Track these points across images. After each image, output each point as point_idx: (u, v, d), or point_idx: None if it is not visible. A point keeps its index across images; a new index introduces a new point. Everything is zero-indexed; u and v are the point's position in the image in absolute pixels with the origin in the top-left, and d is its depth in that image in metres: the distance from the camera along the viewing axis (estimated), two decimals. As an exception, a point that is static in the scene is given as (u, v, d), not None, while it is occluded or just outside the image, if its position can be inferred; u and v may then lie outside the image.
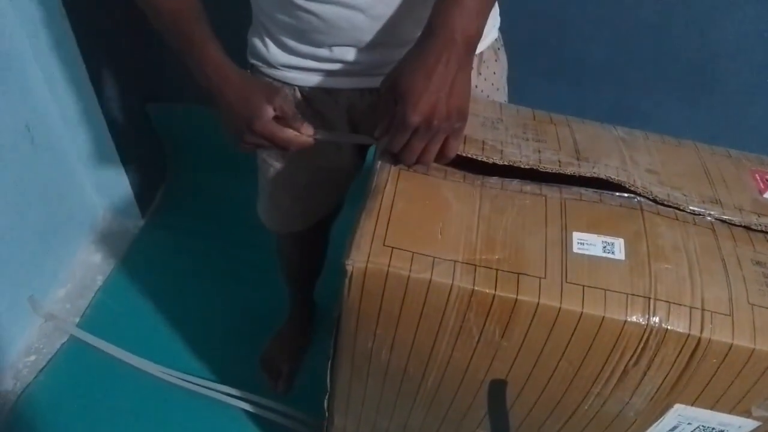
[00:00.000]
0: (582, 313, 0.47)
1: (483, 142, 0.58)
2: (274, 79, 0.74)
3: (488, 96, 0.75)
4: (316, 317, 1.23)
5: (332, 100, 0.73)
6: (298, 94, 0.74)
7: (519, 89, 0.82)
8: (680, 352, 0.48)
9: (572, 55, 1.14)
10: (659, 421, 0.53)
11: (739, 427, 0.53)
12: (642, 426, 0.54)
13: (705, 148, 0.65)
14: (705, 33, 1.05)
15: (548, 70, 1.16)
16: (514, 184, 0.56)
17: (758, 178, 0.61)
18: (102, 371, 1.17)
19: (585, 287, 0.48)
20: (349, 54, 0.68)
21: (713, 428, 0.53)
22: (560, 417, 0.56)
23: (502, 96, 0.78)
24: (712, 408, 0.51)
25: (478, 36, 0.54)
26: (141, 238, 1.43)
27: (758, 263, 0.51)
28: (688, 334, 0.47)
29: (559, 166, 0.56)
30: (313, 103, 0.74)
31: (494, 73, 0.75)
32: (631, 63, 1.12)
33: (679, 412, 0.52)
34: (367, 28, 0.65)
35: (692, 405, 0.51)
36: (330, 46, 0.67)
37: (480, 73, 0.73)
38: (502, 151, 0.57)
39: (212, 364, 1.19)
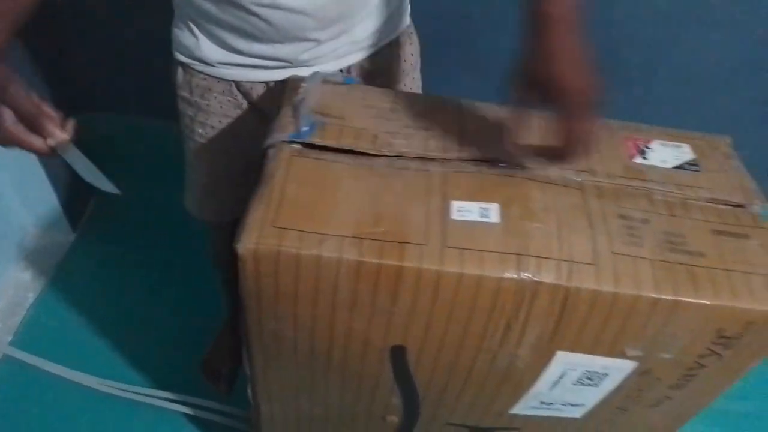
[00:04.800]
0: (462, 274, 0.51)
1: (375, 135, 0.61)
2: (209, 76, 0.73)
3: (407, 73, 0.82)
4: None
5: (270, 95, 0.73)
6: (235, 90, 0.74)
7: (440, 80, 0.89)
8: (552, 302, 0.52)
9: (483, 48, 1.19)
10: (547, 369, 0.57)
11: (620, 368, 0.58)
12: (533, 376, 0.58)
13: None
14: (605, 20, 1.12)
15: (461, 62, 1.22)
16: (400, 161, 0.59)
17: (630, 144, 0.66)
18: (38, 388, 1.15)
19: (463, 250, 0.52)
20: (294, 50, 0.69)
21: (597, 372, 0.58)
22: (460, 376, 0.59)
23: (417, 71, 0.85)
24: (590, 352, 0.56)
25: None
26: (72, 251, 1.40)
27: (622, 216, 0.56)
28: (558, 285, 0.51)
29: (444, 152, 0.60)
30: (250, 98, 0.75)
31: (411, 54, 0.82)
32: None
33: (561, 358, 0.56)
34: (314, 29, 0.67)
35: (572, 351, 0.55)
36: (275, 43, 0.68)
37: (399, 55, 0.79)
38: (391, 143, 0.60)
39: (153, 372, 1.18)
